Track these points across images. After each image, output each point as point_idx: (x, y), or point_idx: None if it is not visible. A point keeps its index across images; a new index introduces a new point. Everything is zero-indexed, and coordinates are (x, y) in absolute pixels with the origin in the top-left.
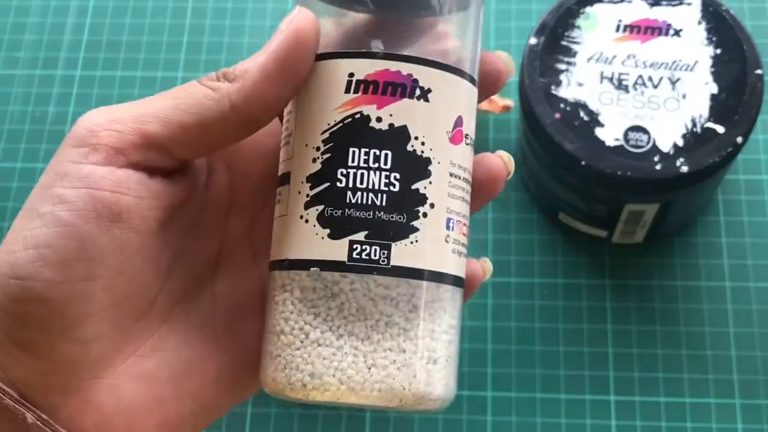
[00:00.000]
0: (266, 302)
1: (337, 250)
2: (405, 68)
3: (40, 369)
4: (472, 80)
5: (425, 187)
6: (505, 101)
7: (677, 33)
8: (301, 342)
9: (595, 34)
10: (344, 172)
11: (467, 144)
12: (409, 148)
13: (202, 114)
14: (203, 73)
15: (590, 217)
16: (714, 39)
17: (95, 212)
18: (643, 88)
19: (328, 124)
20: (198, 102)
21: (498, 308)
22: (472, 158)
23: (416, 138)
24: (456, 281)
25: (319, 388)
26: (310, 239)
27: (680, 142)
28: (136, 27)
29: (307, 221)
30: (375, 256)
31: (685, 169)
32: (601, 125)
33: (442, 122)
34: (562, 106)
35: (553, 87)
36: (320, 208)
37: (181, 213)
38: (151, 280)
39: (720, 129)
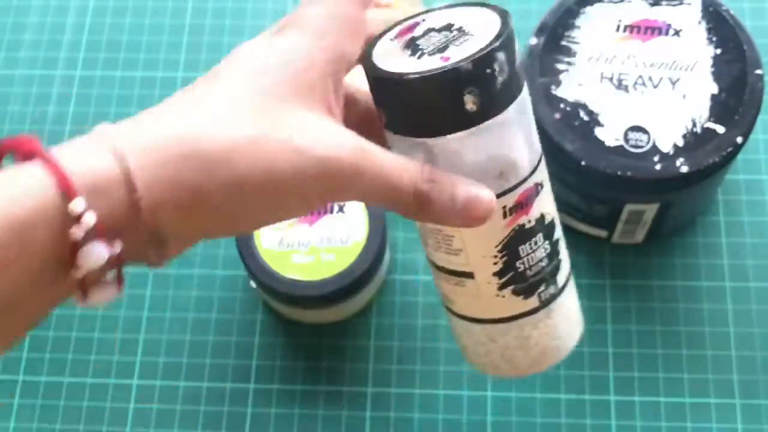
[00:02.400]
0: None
1: (531, 302)
2: (532, 179)
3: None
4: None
5: (556, 238)
6: None
7: (677, 33)
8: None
9: (595, 34)
10: (521, 261)
11: None
12: (547, 221)
13: None
14: (203, 73)
15: (590, 217)
16: (714, 39)
17: None
18: (643, 88)
19: (499, 240)
20: None
21: None
22: None
23: (547, 214)
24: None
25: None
26: (511, 305)
27: (680, 142)
28: (136, 27)
29: (503, 297)
30: (553, 291)
31: (685, 169)
32: (601, 125)
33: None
34: (562, 106)
35: (553, 87)
36: (512, 287)
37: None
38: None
39: (720, 129)
